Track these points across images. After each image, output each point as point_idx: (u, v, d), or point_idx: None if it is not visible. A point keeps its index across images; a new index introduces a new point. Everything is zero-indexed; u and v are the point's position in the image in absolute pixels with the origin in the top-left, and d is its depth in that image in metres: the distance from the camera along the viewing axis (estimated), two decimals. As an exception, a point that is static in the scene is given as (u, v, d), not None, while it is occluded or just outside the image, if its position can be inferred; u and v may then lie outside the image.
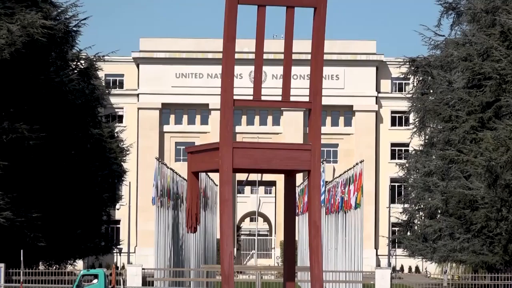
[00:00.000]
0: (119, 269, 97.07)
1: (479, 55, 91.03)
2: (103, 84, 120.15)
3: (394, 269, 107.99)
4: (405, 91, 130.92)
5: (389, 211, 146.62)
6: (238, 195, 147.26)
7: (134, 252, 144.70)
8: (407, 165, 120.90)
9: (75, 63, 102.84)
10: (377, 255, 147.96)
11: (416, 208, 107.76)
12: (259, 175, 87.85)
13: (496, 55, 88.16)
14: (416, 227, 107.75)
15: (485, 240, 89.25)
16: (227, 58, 30.93)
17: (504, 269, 79.81)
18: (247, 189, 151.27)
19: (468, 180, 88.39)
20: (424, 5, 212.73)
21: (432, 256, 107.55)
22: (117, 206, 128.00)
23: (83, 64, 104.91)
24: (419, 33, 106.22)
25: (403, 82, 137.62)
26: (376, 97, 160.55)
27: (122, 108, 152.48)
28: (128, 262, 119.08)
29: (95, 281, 71.46)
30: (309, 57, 32.25)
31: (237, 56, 31.05)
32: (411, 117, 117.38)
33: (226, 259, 31.18)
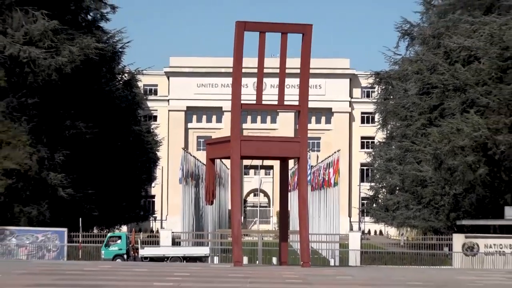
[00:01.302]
0: (141, 232, 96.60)
1: (428, 69, 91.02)
2: (142, 92, 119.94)
3: (363, 232, 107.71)
4: (371, 97, 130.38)
5: (359, 188, 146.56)
6: (245, 176, 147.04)
7: (166, 219, 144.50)
8: (373, 153, 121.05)
9: (120, 76, 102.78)
10: (350, 221, 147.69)
11: (380, 186, 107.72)
12: (261, 161, 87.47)
13: (440, 70, 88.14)
14: (379, 200, 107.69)
15: (432, 210, 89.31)
16: (236, 73, 31.43)
17: (446, 232, 79.63)
18: (251, 171, 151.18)
19: (419, 164, 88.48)
20: (386, 31, 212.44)
21: (392, 222, 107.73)
22: (153, 185, 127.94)
23: (126, 77, 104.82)
24: (382, 52, 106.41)
25: (370, 90, 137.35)
26: (350, 101, 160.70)
27: (156, 110, 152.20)
28: (161, 227, 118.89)
29: (119, 241, 71.04)
30: (298, 71, 32.73)
31: (243, 70, 31.14)
32: (376, 117, 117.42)
33: (235, 224, 31.76)
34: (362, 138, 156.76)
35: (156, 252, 71.94)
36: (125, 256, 70.76)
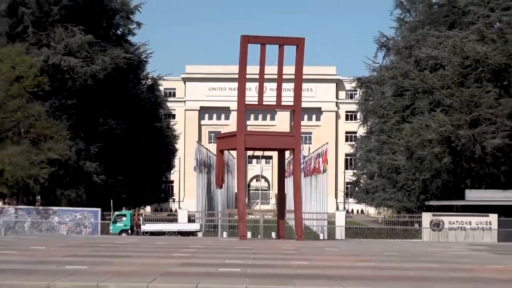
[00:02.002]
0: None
1: (401, 75, 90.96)
2: (162, 94, 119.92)
3: (347, 212, 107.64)
4: (354, 98, 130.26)
5: (344, 175, 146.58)
6: (248, 164, 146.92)
7: (183, 201, 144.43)
8: (355, 145, 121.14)
9: (144, 81, 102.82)
10: (336, 202, 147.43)
11: (361, 172, 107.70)
12: (262, 152, 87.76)
13: (411, 76, 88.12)
14: (361, 185, 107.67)
15: (405, 193, 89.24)
16: (241, 78, 31.63)
17: (417, 211, 79.60)
18: (254, 160, 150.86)
19: (394, 154, 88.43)
20: (367, 43, 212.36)
21: (371, 203, 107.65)
22: (171, 172, 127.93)
23: (150, 82, 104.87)
24: (363, 61, 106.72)
25: (353, 92, 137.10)
26: (336, 102, 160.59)
27: (174, 109, 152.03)
28: (179, 208, 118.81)
29: (124, 218, 70.82)
30: (293, 77, 32.88)
31: (247, 76, 31.38)
32: (358, 115, 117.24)
33: (241, 205, 31.84)
34: (347, 132, 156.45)
35: (155, 228, 71.77)
36: (129, 231, 70.60)
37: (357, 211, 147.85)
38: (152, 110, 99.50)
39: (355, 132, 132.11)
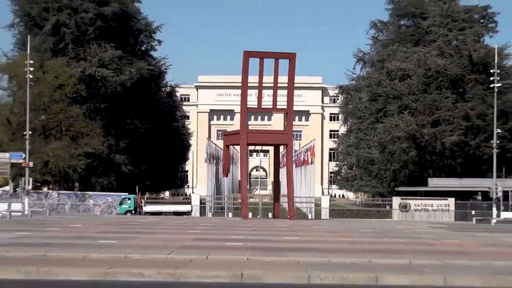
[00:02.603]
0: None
1: (375, 84, 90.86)
2: (179, 99, 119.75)
3: (331, 196, 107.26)
4: (336, 102, 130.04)
5: (328, 166, 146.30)
6: (250, 157, 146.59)
7: (195, 187, 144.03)
8: (337, 141, 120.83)
9: (164, 88, 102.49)
10: (322, 188, 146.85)
11: (342, 164, 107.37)
12: (260, 146, 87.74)
13: (383, 84, 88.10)
14: (342, 174, 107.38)
15: (378, 180, 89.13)
16: (244, 86, 31.47)
17: (388, 195, 79.59)
18: (254, 154, 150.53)
19: (370, 149, 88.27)
20: (347, 56, 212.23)
21: (350, 189, 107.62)
22: (186, 163, 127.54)
23: (168, 89, 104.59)
24: (344, 72, 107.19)
25: (336, 98, 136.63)
26: (321, 106, 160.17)
27: (189, 112, 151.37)
28: (192, 192, 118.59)
29: (129, 201, 69.94)
30: (286, 85, 32.71)
31: (248, 84, 31.26)
32: (340, 116, 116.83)
33: (243, 190, 31.74)
34: (330, 131, 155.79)
35: (154, 209, 70.93)
36: (133, 212, 69.94)
37: (339, 195, 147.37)
38: (170, 113, 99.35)
39: (337, 131, 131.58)
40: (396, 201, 69.69)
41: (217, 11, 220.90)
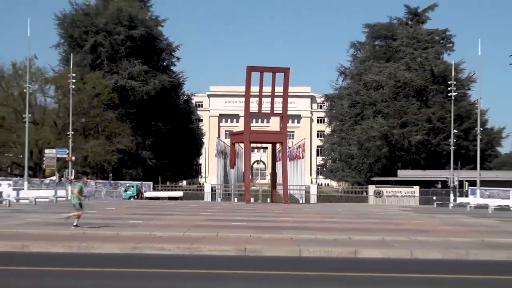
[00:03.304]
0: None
1: (354, 93, 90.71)
2: (194, 105, 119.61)
3: (318, 184, 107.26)
4: (323, 108, 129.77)
5: (316, 160, 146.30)
6: (252, 152, 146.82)
7: (207, 177, 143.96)
8: (323, 140, 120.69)
9: (181, 96, 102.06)
10: (311, 178, 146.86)
11: (328, 158, 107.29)
12: (261, 144, 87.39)
13: (361, 93, 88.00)
14: (327, 166, 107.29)
15: (357, 172, 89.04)
16: (247, 95, 31.48)
17: (365, 184, 79.49)
18: (255, 150, 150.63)
19: (350, 146, 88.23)
20: (332, 70, 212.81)
21: (334, 179, 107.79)
22: (200, 158, 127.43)
23: (185, 97, 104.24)
24: (329, 83, 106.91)
25: (322, 104, 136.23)
26: (310, 111, 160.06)
27: (202, 116, 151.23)
28: (205, 181, 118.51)
29: (132, 188, 68.29)
30: (281, 93, 32.69)
31: (250, 93, 31.30)
32: (325, 120, 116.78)
33: (246, 180, 31.76)
34: (318, 131, 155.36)
35: (153, 195, 69.12)
36: (135, 197, 68.65)
37: (325, 184, 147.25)
38: (186, 116, 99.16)
39: (323, 131, 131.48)
40: (371, 188, 69.62)
41: (225, 30, 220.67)
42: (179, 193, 71.45)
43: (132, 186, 68.71)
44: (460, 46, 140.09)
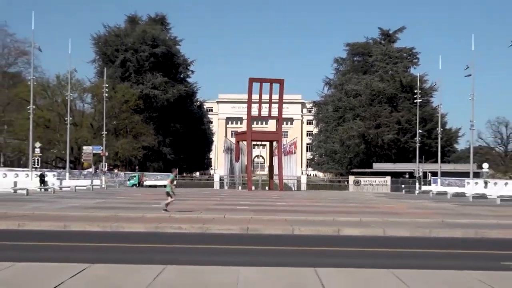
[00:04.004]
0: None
1: (337, 100, 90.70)
2: (205, 110, 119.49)
3: (307, 175, 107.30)
4: (311, 112, 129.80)
5: (306, 155, 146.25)
6: (253, 149, 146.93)
7: (217, 169, 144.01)
8: (312, 138, 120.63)
9: (195, 103, 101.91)
10: (301, 170, 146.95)
11: (315, 153, 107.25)
12: (260, 142, 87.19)
13: (343, 100, 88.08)
14: (315, 160, 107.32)
15: (339, 165, 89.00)
16: (249, 102, 31.24)
17: (346, 174, 79.43)
18: (256, 147, 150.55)
19: (334, 144, 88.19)
20: (318, 81, 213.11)
21: (321, 170, 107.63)
22: (210, 153, 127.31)
23: (198, 103, 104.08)
24: (316, 92, 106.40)
25: (311, 109, 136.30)
26: (301, 114, 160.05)
27: (212, 118, 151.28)
28: (214, 173, 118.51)
29: (135, 178, 65.86)
30: (277, 100, 32.46)
31: (252, 100, 31.12)
32: (314, 122, 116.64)
33: (248, 171, 31.47)
34: (307, 131, 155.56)
35: (151, 183, 66.71)
36: (137, 185, 66.57)
37: (313, 174, 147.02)
38: (199, 119, 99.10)
39: (312, 131, 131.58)
40: (351, 178, 69.61)
41: (232, 47, 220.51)
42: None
43: (135, 176, 67.03)
44: (424, 61, 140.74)
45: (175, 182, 24.65)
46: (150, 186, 65.77)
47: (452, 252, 13.81)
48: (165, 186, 75.82)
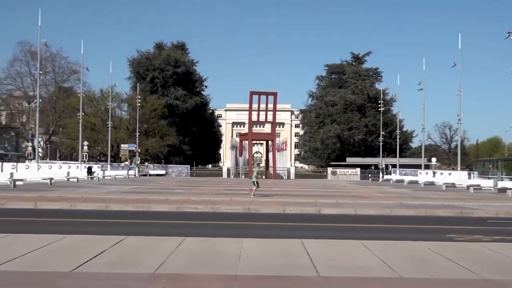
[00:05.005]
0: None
1: (318, 108, 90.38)
2: (216, 116, 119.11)
3: (295, 167, 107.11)
4: (299, 118, 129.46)
5: (294, 151, 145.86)
6: (253, 146, 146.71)
7: (225, 162, 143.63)
8: (299, 138, 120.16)
9: (208, 110, 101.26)
10: (291, 163, 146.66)
11: (301, 150, 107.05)
12: (259, 141, 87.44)
13: (323, 109, 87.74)
14: (301, 155, 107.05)
15: (320, 159, 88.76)
16: (250, 110, 30.85)
17: (325, 167, 79.23)
18: (255, 145, 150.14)
19: (316, 142, 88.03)
20: (304, 94, 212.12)
21: (306, 163, 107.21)
22: (220, 150, 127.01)
23: (210, 111, 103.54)
24: (302, 102, 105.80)
25: (298, 115, 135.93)
26: (290, 120, 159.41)
27: (222, 123, 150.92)
28: (223, 165, 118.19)
29: (135, 168, 58.40)
30: (272, 109, 32.05)
31: (252, 108, 30.76)
32: (300, 125, 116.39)
33: (250, 164, 31.07)
34: (295, 133, 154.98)
35: (155, 172, 62.46)
36: (135, 175, 61.42)
37: (300, 166, 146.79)
38: (211, 123, 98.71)
39: (299, 133, 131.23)
40: (329, 169, 69.46)
41: (236, 64, 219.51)
42: (163, 171, 64.86)
43: (133, 168, 61.11)
44: (386, 78, 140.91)
45: (258, 175, 24.24)
46: (143, 175, 61.19)
47: (407, 227, 13.81)
48: (157, 175, 71.00)
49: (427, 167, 62.14)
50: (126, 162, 63.77)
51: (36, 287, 6.03)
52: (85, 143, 57.83)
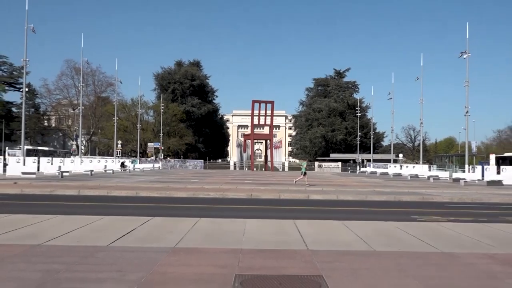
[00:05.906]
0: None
1: (307, 114, 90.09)
2: (225, 120, 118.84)
3: (289, 162, 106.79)
4: (292, 122, 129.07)
5: (288, 147, 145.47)
6: (255, 144, 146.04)
7: (232, 157, 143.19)
8: (291, 138, 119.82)
9: (219, 115, 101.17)
10: (285, 158, 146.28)
11: (294, 148, 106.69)
12: (259, 140, 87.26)
13: (311, 114, 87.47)
14: (294, 152, 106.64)
15: (309, 155, 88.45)
16: (252, 115, 30.52)
17: (313, 161, 79.09)
18: (256, 143, 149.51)
19: (305, 141, 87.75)
20: (295, 101, 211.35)
21: (297, 158, 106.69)
22: (228, 147, 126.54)
23: (220, 116, 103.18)
24: (294, 109, 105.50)
25: (291, 120, 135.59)
26: (285, 123, 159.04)
27: (229, 126, 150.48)
28: (230, 159, 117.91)
29: (134, 162, 53.62)
30: (270, 114, 31.75)
31: (254, 113, 30.44)
32: (293, 128, 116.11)
33: (252, 159, 30.68)
34: (289, 134, 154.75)
35: (140, 166, 60.65)
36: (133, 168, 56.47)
37: (293, 161, 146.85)
38: (221, 126, 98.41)
39: (292, 134, 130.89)
40: (316, 163, 69.36)
41: (240, 77, 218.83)
42: (157, 165, 59.64)
43: (134, 161, 56.31)
44: (362, 89, 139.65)
45: (307, 167, 25.04)
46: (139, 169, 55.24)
47: (380, 210, 13.77)
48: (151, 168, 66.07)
49: (395, 161, 62.03)
50: (152, 157, 63.65)
51: (80, 258, 6.08)
52: (119, 142, 57.94)
